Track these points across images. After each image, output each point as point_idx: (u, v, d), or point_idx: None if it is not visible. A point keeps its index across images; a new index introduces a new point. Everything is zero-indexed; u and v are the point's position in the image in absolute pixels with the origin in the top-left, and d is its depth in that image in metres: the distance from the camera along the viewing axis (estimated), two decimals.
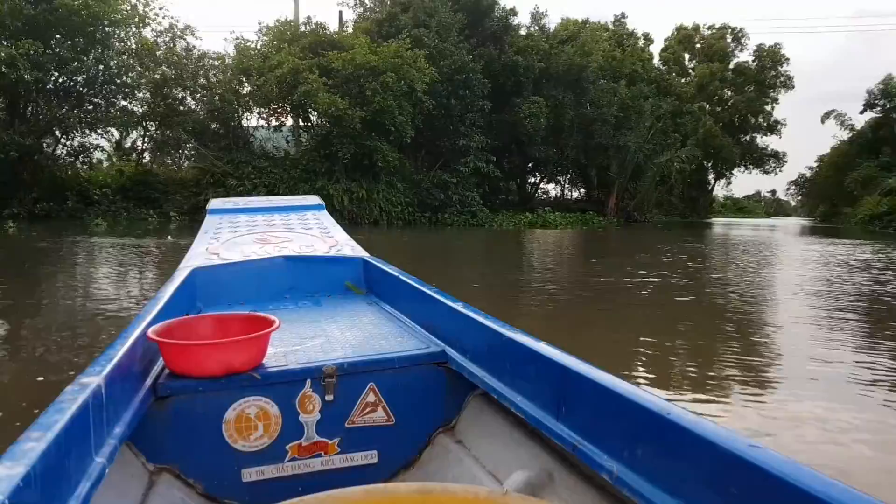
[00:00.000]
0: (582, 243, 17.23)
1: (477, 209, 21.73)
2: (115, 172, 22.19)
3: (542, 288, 7.86)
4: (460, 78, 21.44)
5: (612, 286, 7.95)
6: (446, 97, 21.30)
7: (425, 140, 22.31)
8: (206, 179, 19.81)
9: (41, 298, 6.08)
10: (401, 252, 12.75)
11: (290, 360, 1.64)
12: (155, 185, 20.56)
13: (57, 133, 18.59)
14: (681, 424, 0.94)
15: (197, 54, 21.47)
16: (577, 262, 11.98)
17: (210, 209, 3.64)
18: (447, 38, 22.07)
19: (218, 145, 20.97)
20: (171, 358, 1.51)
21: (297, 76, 19.18)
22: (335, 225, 3.43)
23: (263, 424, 1.55)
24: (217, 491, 1.52)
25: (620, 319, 5.86)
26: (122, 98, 20.20)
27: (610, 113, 27.28)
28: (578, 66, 26.03)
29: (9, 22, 16.00)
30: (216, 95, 20.49)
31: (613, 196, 30.43)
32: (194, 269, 2.48)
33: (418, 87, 19.75)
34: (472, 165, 21.57)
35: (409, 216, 20.83)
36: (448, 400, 1.75)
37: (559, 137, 26.82)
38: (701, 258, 12.82)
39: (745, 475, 0.83)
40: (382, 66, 19.27)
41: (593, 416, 1.16)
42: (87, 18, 17.46)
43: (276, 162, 20.50)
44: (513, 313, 5.95)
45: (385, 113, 19.29)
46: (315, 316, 2.23)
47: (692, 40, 45.98)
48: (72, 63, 16.98)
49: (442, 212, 21.28)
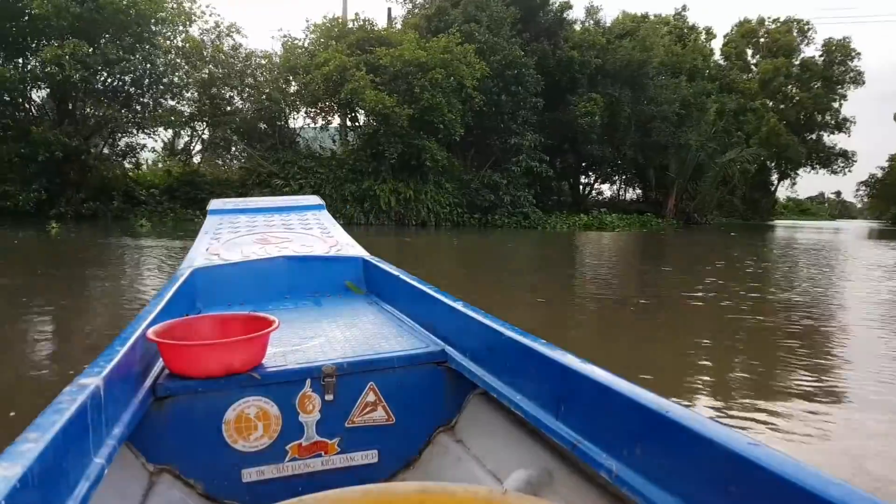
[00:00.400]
0: (645, 247, 16.11)
1: (529, 210, 20.73)
2: (163, 173, 22.10)
3: (616, 297, 6.93)
4: (512, 73, 20.53)
5: (686, 296, 6.96)
6: (497, 94, 20.43)
7: (475, 138, 21.48)
8: (251, 180, 19.45)
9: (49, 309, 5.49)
10: (450, 257, 11.97)
11: (290, 360, 1.64)
12: (201, 186, 20.31)
13: (105, 133, 18.44)
14: (680, 423, 0.94)
15: (244, 53, 21.19)
16: (644, 269, 10.94)
17: (210, 209, 3.60)
18: (499, 32, 21.21)
19: (264, 145, 20.63)
20: (170, 358, 1.52)
21: (344, 73, 18.65)
22: (335, 225, 3.41)
23: (263, 424, 1.55)
24: (217, 491, 1.52)
25: (694, 336, 4.92)
26: (169, 98, 20.03)
27: (671, 110, 25.91)
28: (637, 61, 24.79)
29: (55, 22, 15.86)
30: (263, 94, 20.12)
31: (672, 197, 28.99)
32: (194, 269, 2.48)
33: (468, 83, 18.95)
34: (524, 165, 20.59)
35: (458, 217, 20.01)
36: (448, 399, 1.74)
37: (615, 136, 25.62)
38: (780, 263, 11.61)
39: (745, 473, 0.82)
40: (431, 61, 18.55)
41: (593, 414, 1.16)
42: (134, 17, 17.28)
43: (322, 162, 19.99)
44: (587, 332, 5.08)
45: (434, 110, 18.56)
46: (315, 316, 2.23)
47: (756, 34, 43.90)
48: (119, 62, 16.75)
49: (492, 213, 20.38)
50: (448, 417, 1.75)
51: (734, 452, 0.85)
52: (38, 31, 16.24)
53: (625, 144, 26.16)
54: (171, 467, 1.49)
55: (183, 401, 1.50)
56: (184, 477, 1.50)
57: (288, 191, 18.79)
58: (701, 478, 0.91)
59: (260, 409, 1.55)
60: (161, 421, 1.48)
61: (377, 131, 19.01)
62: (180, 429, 1.50)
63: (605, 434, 1.11)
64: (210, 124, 21.53)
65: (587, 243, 16.23)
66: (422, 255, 12.08)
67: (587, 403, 1.18)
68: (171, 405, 1.49)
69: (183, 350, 1.52)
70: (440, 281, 6.41)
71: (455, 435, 1.70)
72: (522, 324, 1.53)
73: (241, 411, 1.54)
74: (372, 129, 19.36)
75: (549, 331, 5.08)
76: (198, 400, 1.50)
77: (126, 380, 1.33)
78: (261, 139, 20.94)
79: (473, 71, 19.14)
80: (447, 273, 9.17)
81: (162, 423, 1.48)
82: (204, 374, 1.50)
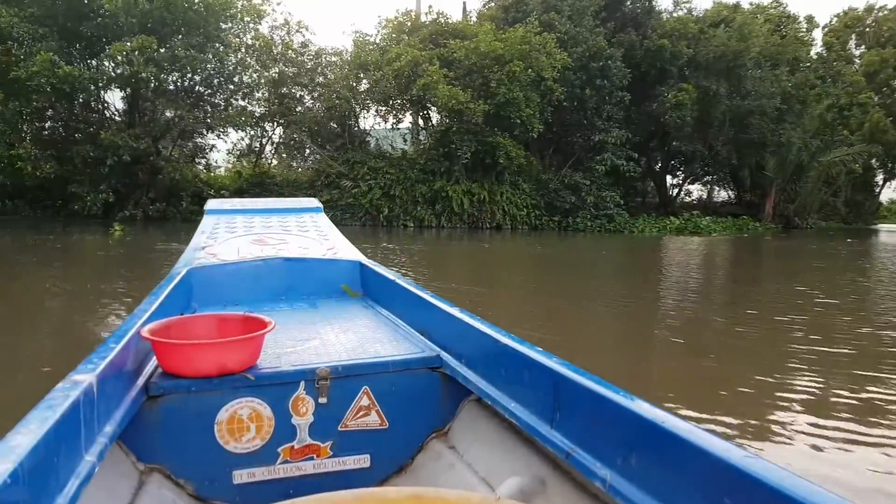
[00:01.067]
0: (752, 255, 14.28)
1: (614, 213, 19.05)
2: (234, 174, 21.77)
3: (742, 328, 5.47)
4: (597, 66, 18.98)
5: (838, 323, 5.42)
6: (580, 87, 18.93)
7: (554, 136, 20.06)
8: (320, 181, 18.72)
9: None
10: (539, 270, 10.68)
11: (285, 361, 1.64)
12: (270, 187, 19.78)
13: (174, 134, 18.12)
14: (675, 433, 0.94)
15: (314, 50, 20.56)
16: (770, 284, 9.31)
17: (208, 209, 3.55)
18: (581, 22, 19.74)
19: (334, 145, 19.90)
20: (164, 357, 1.51)
21: (416, 69, 17.66)
22: (332, 227, 3.40)
23: (256, 426, 1.54)
24: (207, 492, 1.51)
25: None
26: (240, 98, 19.62)
27: (770, 105, 23.59)
28: (733, 51, 22.67)
29: (124, 19, 15.57)
30: (333, 93, 19.40)
31: (771, 198, 26.51)
32: (190, 268, 2.48)
33: (548, 75, 17.58)
34: (609, 163, 18.95)
35: (536, 220, 18.61)
36: (442, 405, 1.73)
37: (707, 132, 23.56)
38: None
39: (740, 485, 0.82)
40: (508, 53, 17.31)
41: (587, 423, 1.16)
42: (204, 14, 16.87)
43: (392, 162, 19.04)
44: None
45: (510, 105, 17.31)
46: (310, 318, 2.22)
47: (862, 23, 40.31)
48: (189, 61, 16.35)
49: (573, 216, 18.85)
50: (442, 423, 1.73)
51: (730, 464, 0.84)
52: (110, 31, 16.00)
53: (718, 141, 24.04)
54: (161, 467, 1.47)
55: (175, 400, 1.48)
56: (174, 477, 1.48)
57: (357, 192, 17.98)
58: (696, 489, 0.90)
59: (253, 410, 1.53)
60: (153, 420, 1.46)
61: (450, 129, 17.93)
62: (172, 428, 1.48)
63: (600, 443, 1.11)
64: (280, 124, 21.03)
65: (692, 251, 14.53)
66: (503, 268, 10.83)
67: (582, 412, 1.18)
68: (163, 404, 1.47)
69: (177, 349, 1.50)
70: (546, 314, 4.85)
71: (448, 441, 1.69)
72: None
73: (234, 412, 1.52)
74: (444, 127, 18.28)
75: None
76: (190, 399, 1.49)
77: (119, 377, 1.32)
78: (331, 139, 20.24)
79: (554, 62, 17.77)
80: (543, 295, 7.88)
81: (154, 421, 1.46)
82: (197, 373, 1.48)
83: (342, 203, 18.08)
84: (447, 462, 1.60)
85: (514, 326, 1.77)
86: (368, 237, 14.90)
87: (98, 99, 17.53)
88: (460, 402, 1.73)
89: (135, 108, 17.89)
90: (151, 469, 1.45)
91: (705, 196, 31.06)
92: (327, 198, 18.17)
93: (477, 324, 1.61)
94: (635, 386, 1.54)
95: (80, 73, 15.24)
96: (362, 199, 17.93)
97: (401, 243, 13.42)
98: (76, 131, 17.16)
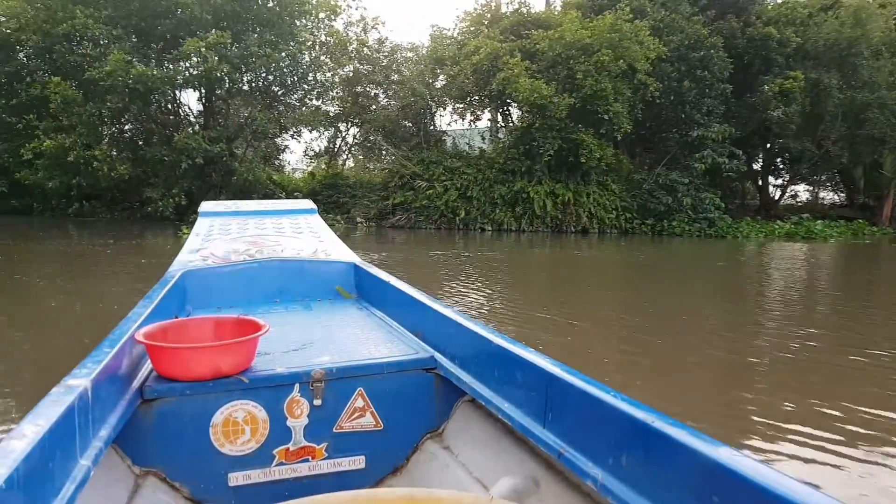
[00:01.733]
0: (891, 266, 12.36)
1: (716, 216, 17.18)
2: (307, 175, 21.26)
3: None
4: (696, 56, 17.25)
5: None
6: (677, 79, 17.25)
7: (646, 131, 18.43)
8: (394, 182, 17.82)
9: None
10: (632, 278, 9.36)
11: (279, 364, 1.63)
12: (344, 189, 19.10)
13: (247, 135, 17.66)
14: (665, 433, 0.94)
15: (389, 47, 19.75)
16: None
17: (202, 212, 3.53)
18: (676, 8, 18.08)
19: (409, 144, 18.99)
20: (158, 360, 1.51)
21: (496, 62, 16.52)
22: (326, 229, 3.40)
23: (251, 428, 1.54)
24: (203, 495, 1.51)
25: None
26: (314, 97, 19.04)
27: (891, 97, 21.05)
28: (847, 38, 20.36)
29: (199, 14, 15.18)
30: (409, 90, 18.52)
31: (889, 201, 23.79)
32: (184, 271, 2.47)
33: (640, 67, 16.06)
34: (709, 161, 17.13)
35: (626, 224, 17.03)
36: (436, 406, 1.73)
37: (817, 127, 21.28)
38: None
39: (728, 484, 0.83)
40: (597, 42, 15.91)
41: (579, 423, 1.17)
42: (278, 11, 16.32)
43: (469, 161, 17.93)
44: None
45: (598, 98, 15.89)
46: (305, 320, 2.23)
47: None
48: (263, 59, 15.83)
49: (668, 219, 17.13)
50: (436, 424, 1.73)
51: (718, 463, 0.84)
52: (184, 29, 15.64)
53: (829, 138, 21.68)
54: (157, 470, 1.47)
55: (170, 403, 1.48)
56: (170, 480, 1.48)
57: (432, 193, 16.99)
58: (685, 488, 0.90)
59: (248, 412, 1.53)
60: (148, 423, 1.46)
61: (531, 125, 16.67)
62: (167, 431, 1.48)
63: (591, 443, 1.12)
64: (355, 124, 20.35)
65: (818, 262, 12.72)
66: (596, 282, 9.55)
67: (574, 412, 1.18)
68: (158, 407, 1.47)
69: (171, 352, 1.50)
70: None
71: (443, 442, 1.69)
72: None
73: (229, 415, 1.52)
74: (525, 123, 17.03)
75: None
76: (185, 403, 1.49)
77: (113, 381, 1.32)
78: (405, 138, 19.36)
79: (647, 51, 16.22)
80: (651, 329, 6.62)
81: (149, 425, 1.46)
82: (192, 376, 1.48)
83: (416, 205, 17.12)
84: (442, 462, 1.61)
85: (620, 386, 1.28)
86: (443, 241, 13.84)
87: (173, 100, 17.29)
88: (454, 403, 1.73)
89: (209, 109, 17.56)
90: (147, 472, 1.45)
91: (811, 197, 28.40)
92: (401, 200, 17.26)
93: (470, 325, 1.61)
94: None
95: (153, 72, 14.93)
96: (437, 201, 16.91)
97: (477, 249, 12.28)
98: (151, 133, 16.96)
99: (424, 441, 1.69)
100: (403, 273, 8.15)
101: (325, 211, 18.19)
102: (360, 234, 15.70)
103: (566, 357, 2.54)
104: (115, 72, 14.12)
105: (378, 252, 11.17)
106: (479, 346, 1.53)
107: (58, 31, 14.87)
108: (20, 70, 16.40)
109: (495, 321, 5.66)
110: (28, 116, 15.81)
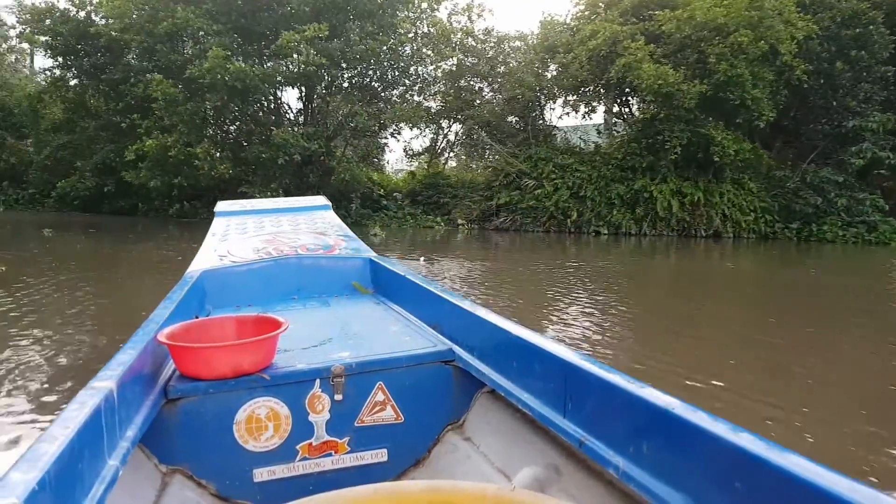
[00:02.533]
0: None
1: (876, 219, 14.64)
2: (407, 175, 20.34)
3: None
4: (851, 33, 14.83)
5: None
6: (829, 61, 14.90)
7: (789, 122, 16.12)
8: (499, 180, 16.49)
9: None
10: (815, 306, 7.60)
11: (299, 360, 1.63)
12: (444, 189, 17.99)
13: (346, 133, 16.90)
14: (685, 419, 0.93)
15: (496, 37, 18.45)
16: None
17: (217, 211, 3.56)
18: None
19: (515, 141, 17.61)
20: (181, 360, 1.51)
21: (616, 47, 14.86)
22: (342, 225, 3.38)
23: (274, 425, 1.54)
24: (229, 491, 1.51)
25: None
26: (416, 93, 18.04)
27: None
28: None
29: (296, 5, 14.49)
30: (516, 82, 17.16)
31: None
32: (203, 271, 2.47)
33: (784, 48, 13.89)
34: (868, 156, 14.64)
35: (767, 227, 14.85)
36: (456, 398, 1.72)
37: None
38: None
39: (750, 470, 0.82)
40: (733, 22, 13.91)
41: (599, 412, 1.16)
42: (378, 2, 15.40)
43: (582, 158, 16.32)
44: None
45: (733, 85, 13.90)
46: (323, 316, 2.22)
47: None
48: (363, 53, 14.98)
49: (818, 222, 14.80)
50: (456, 416, 1.72)
51: (740, 449, 0.83)
52: (283, 25, 15.03)
53: None
54: (183, 468, 1.48)
55: (194, 402, 1.48)
56: (196, 477, 1.48)
57: (540, 193, 15.55)
58: (707, 474, 0.89)
59: (270, 409, 1.53)
60: (173, 422, 1.46)
61: (655, 117, 14.89)
62: (192, 430, 1.48)
63: (612, 431, 1.10)
64: (457, 120, 19.21)
65: None
66: (795, 316, 7.83)
67: (594, 401, 1.17)
68: (182, 407, 1.48)
69: (193, 352, 1.51)
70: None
71: (464, 433, 1.68)
72: None
73: (252, 412, 1.52)
74: (649, 114, 15.25)
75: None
76: (208, 401, 1.49)
77: (138, 382, 1.32)
78: (511, 134, 18.00)
79: (795, 31, 14.03)
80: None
81: (174, 424, 1.46)
82: (214, 375, 1.49)
83: (523, 206, 15.71)
84: (463, 454, 1.59)
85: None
86: (552, 247, 12.33)
87: (274, 99, 16.79)
88: (474, 395, 1.72)
89: (308, 107, 16.95)
90: (173, 471, 1.46)
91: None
92: (506, 200, 15.92)
93: (488, 316, 1.61)
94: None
95: (252, 69, 14.39)
96: (546, 202, 15.44)
97: (592, 260, 10.69)
98: (250, 133, 16.53)
99: (445, 433, 1.68)
100: (508, 293, 6.83)
101: (425, 212, 17.18)
102: (460, 236, 14.50)
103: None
104: (214, 69, 13.67)
105: (481, 260, 9.86)
106: (497, 338, 1.53)
107: (160, 31, 14.65)
108: (128, 73, 16.41)
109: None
110: (132, 116, 15.75)
